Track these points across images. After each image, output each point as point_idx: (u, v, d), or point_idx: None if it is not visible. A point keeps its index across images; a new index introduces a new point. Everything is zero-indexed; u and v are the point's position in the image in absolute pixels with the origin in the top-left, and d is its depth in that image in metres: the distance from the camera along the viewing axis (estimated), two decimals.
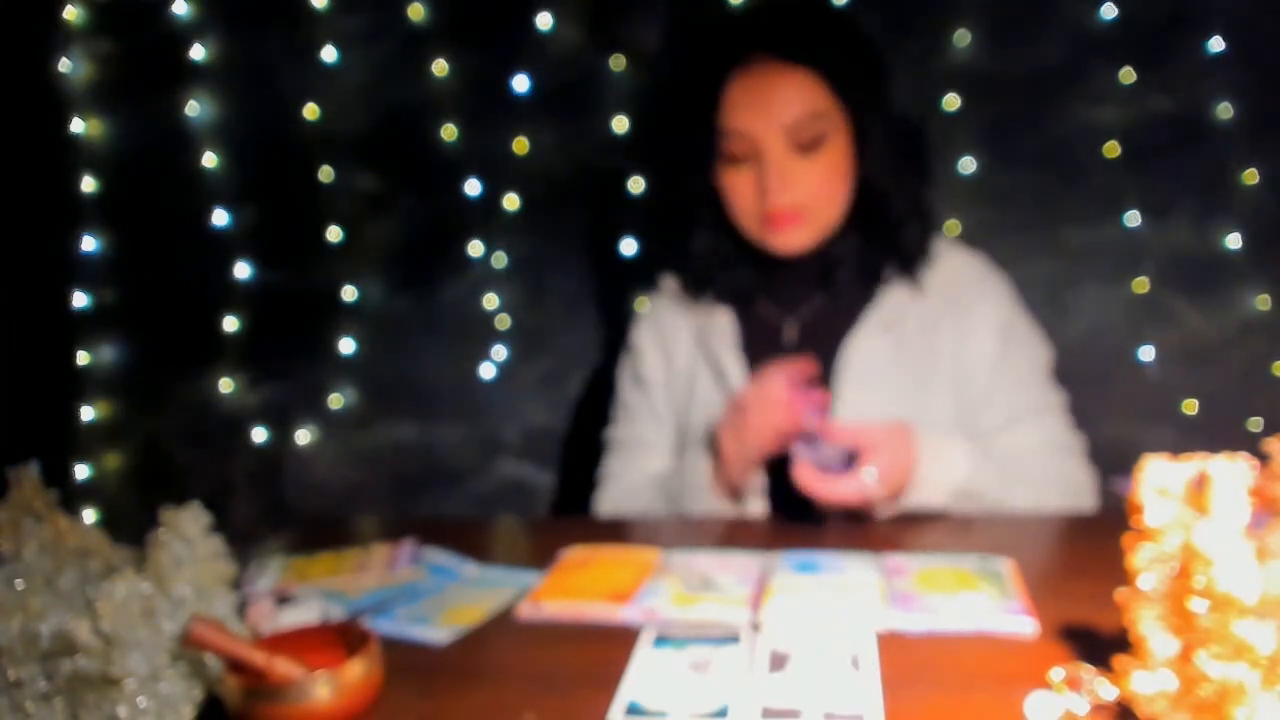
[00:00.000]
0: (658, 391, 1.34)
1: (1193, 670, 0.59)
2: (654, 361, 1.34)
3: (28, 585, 0.75)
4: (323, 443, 1.74)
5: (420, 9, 1.62)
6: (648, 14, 1.60)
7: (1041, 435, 1.21)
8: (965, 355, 1.22)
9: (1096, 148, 1.55)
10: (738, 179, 1.20)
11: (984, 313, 1.23)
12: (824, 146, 1.17)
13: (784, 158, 1.16)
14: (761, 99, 1.16)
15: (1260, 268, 1.55)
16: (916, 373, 1.21)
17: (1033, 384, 1.24)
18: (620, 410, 1.38)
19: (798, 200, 1.18)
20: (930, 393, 1.21)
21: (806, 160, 1.17)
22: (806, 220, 1.19)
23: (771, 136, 1.16)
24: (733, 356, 1.26)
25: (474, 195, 1.66)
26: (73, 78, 1.68)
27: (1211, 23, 1.51)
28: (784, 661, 0.75)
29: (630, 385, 1.38)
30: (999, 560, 0.92)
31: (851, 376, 1.20)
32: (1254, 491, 0.59)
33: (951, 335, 1.22)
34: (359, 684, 0.70)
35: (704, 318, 1.31)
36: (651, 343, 1.35)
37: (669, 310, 1.35)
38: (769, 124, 1.15)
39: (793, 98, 1.15)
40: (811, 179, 1.18)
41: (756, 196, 1.19)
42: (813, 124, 1.16)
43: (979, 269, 1.27)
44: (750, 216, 1.21)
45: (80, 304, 1.72)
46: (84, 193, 1.70)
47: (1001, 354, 1.22)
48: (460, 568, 1.00)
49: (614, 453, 1.37)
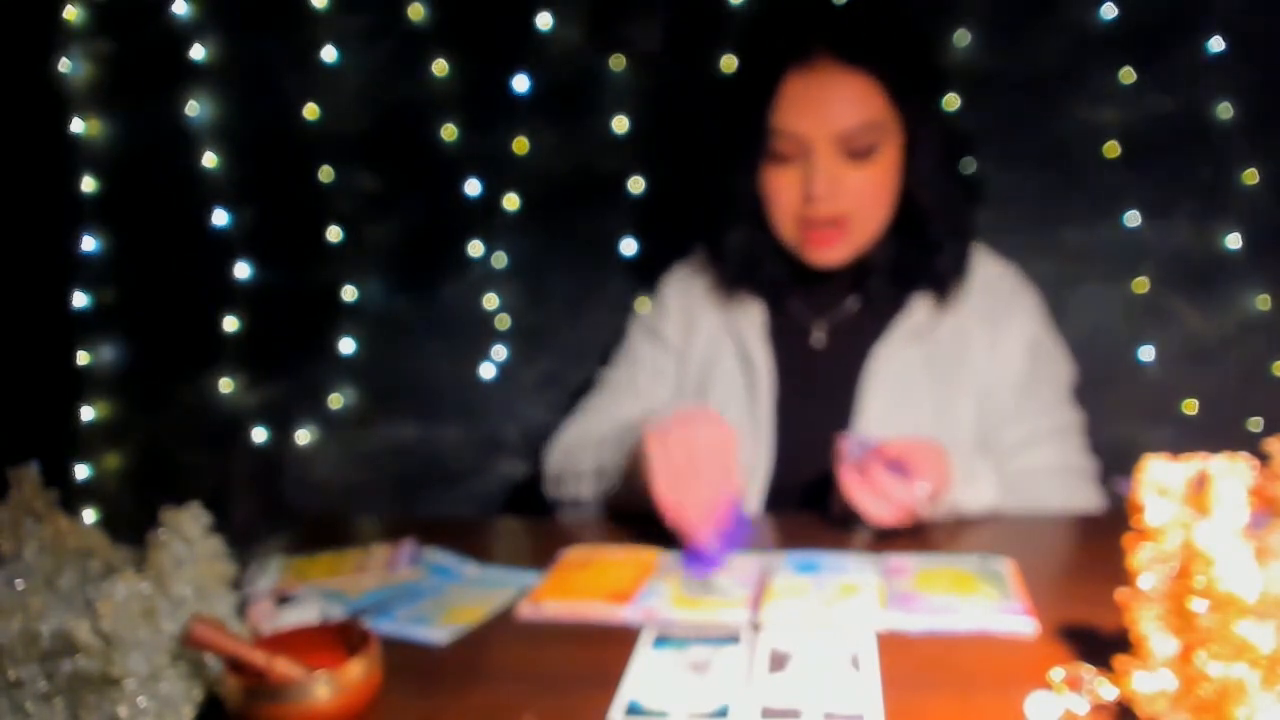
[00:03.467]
0: (670, 352, 1.32)
1: (1193, 670, 0.59)
2: (676, 321, 1.32)
3: (28, 585, 0.75)
4: (323, 443, 1.74)
5: (420, 9, 1.62)
6: (648, 14, 1.60)
7: (1059, 458, 1.20)
8: (994, 370, 1.20)
9: (1096, 148, 1.55)
10: (782, 179, 1.16)
11: (1015, 328, 1.21)
12: (875, 156, 1.14)
13: (833, 163, 1.13)
14: (819, 101, 1.12)
15: (1260, 268, 1.55)
16: (944, 385, 1.19)
17: (1055, 404, 1.22)
18: (623, 354, 1.36)
19: (842, 209, 1.14)
20: (956, 405, 1.19)
21: (856, 168, 1.14)
22: (847, 234, 1.16)
23: (824, 141, 1.12)
24: (761, 346, 1.24)
25: (474, 195, 1.66)
26: (73, 78, 1.67)
27: (1211, 23, 1.50)
28: (784, 661, 0.75)
29: (643, 335, 1.35)
30: (999, 560, 0.92)
31: (878, 387, 1.18)
32: (1254, 491, 0.60)
33: (981, 349, 1.20)
34: (359, 684, 0.70)
35: (735, 303, 1.28)
36: (677, 302, 1.33)
37: (699, 284, 1.32)
38: (823, 128, 1.12)
39: (851, 104, 1.12)
40: (858, 189, 1.14)
41: (800, 200, 1.15)
42: (867, 133, 1.12)
43: (1011, 282, 1.25)
44: (790, 221, 1.17)
45: (80, 304, 1.72)
46: (84, 193, 1.69)
47: (1029, 372, 1.20)
48: (460, 568, 1.00)
49: (599, 391, 1.34)
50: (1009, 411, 1.20)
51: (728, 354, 1.27)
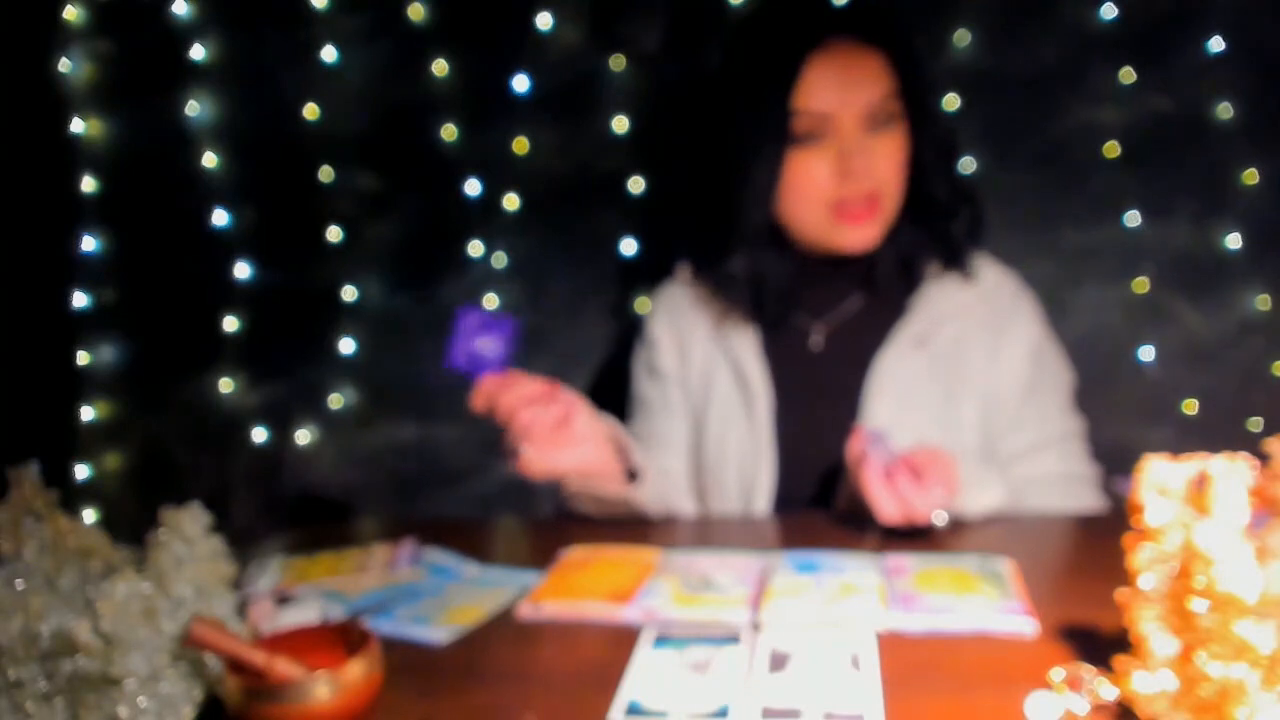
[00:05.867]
0: (672, 383, 1.31)
1: (1193, 670, 0.59)
2: (669, 351, 1.32)
3: (28, 585, 0.75)
4: (323, 443, 1.74)
5: (420, 9, 1.62)
6: (648, 14, 1.60)
7: (1061, 466, 1.20)
8: (996, 376, 1.20)
9: (1096, 148, 1.55)
10: (808, 162, 1.15)
11: (1018, 335, 1.21)
12: (893, 127, 1.16)
13: (863, 139, 1.14)
14: (842, 79, 1.13)
15: (1260, 268, 1.55)
16: (947, 391, 1.19)
17: (1056, 411, 1.22)
18: (637, 405, 1.36)
19: (876, 184, 1.15)
20: (959, 412, 1.19)
21: (880, 141, 1.15)
22: (880, 210, 1.17)
23: (851, 117, 1.13)
24: (755, 361, 1.24)
25: (474, 195, 1.66)
26: (73, 78, 1.67)
27: (1211, 23, 1.50)
28: (784, 661, 0.75)
29: (645, 378, 1.35)
30: (999, 560, 0.92)
31: (883, 395, 1.18)
32: (1254, 491, 0.60)
33: (983, 356, 1.20)
34: (359, 684, 0.69)
35: (723, 312, 1.27)
36: (666, 333, 1.32)
37: (686, 301, 1.32)
38: (850, 104, 1.13)
39: (872, 78, 1.14)
40: (885, 161, 1.15)
41: (831, 182, 1.15)
42: (888, 104, 1.14)
43: (1012, 288, 1.25)
44: (819, 206, 1.16)
45: (80, 304, 1.72)
46: (84, 193, 1.70)
47: (1032, 378, 1.20)
48: (460, 568, 1.00)
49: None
50: (1012, 418, 1.20)
51: (723, 374, 1.26)
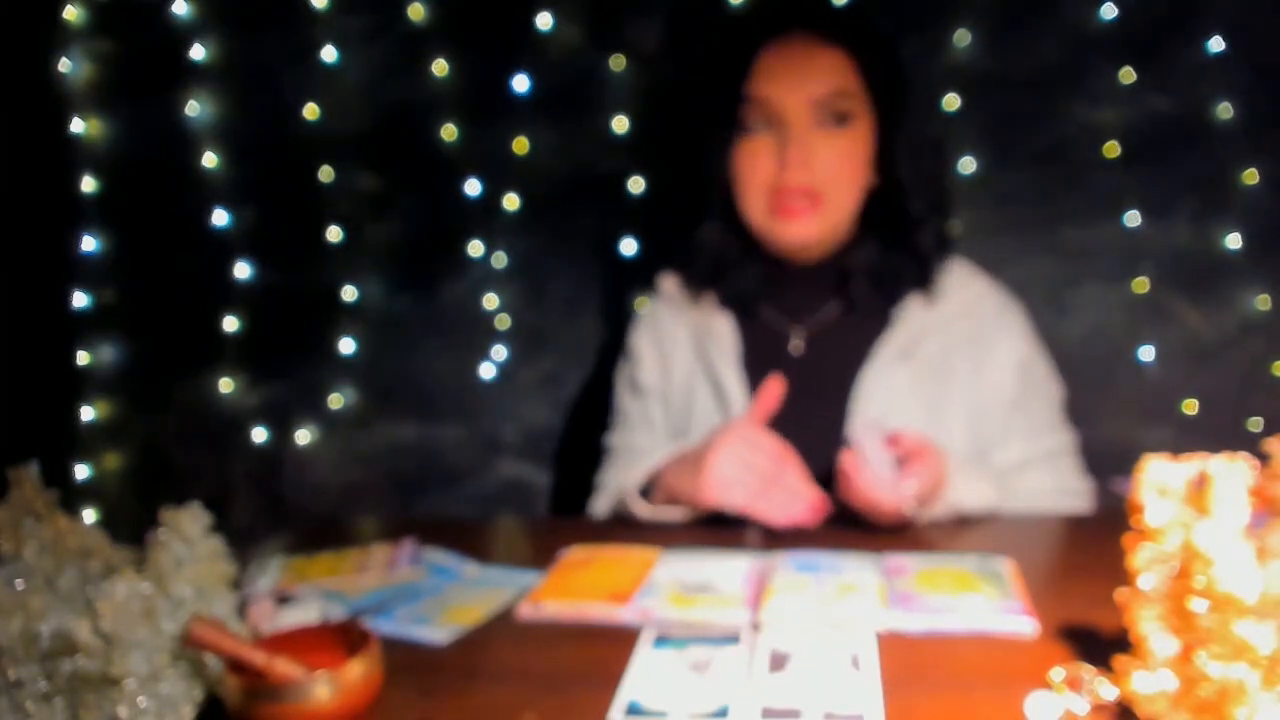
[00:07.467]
0: (654, 399, 1.32)
1: (1193, 670, 0.59)
2: (651, 367, 1.32)
3: (28, 585, 0.75)
4: (323, 443, 1.74)
5: (420, 9, 1.62)
6: (648, 14, 1.60)
7: (1054, 481, 1.19)
8: (983, 392, 1.19)
9: (1096, 148, 1.55)
10: (754, 150, 1.17)
11: (1003, 349, 1.20)
12: (848, 126, 1.16)
13: (807, 131, 1.14)
14: (793, 70, 1.14)
15: (1260, 268, 1.54)
16: (933, 404, 1.18)
17: (1047, 426, 1.21)
18: (617, 416, 1.37)
19: (815, 179, 1.15)
20: (946, 425, 1.18)
21: (829, 137, 1.15)
22: (819, 207, 1.16)
23: (798, 107, 1.14)
24: (733, 371, 1.23)
25: (474, 195, 1.66)
26: (73, 78, 1.67)
27: (1211, 23, 1.50)
28: (784, 661, 0.75)
29: (627, 391, 1.36)
30: (999, 560, 0.92)
31: (869, 409, 1.16)
32: (1254, 491, 0.59)
33: (967, 372, 1.19)
34: (359, 684, 0.70)
35: (703, 325, 1.27)
36: (649, 348, 1.33)
37: (668, 314, 1.32)
38: (798, 95, 1.14)
39: (825, 73, 1.14)
40: (831, 158, 1.15)
41: (772, 171, 1.15)
42: (840, 101, 1.15)
43: (996, 301, 1.24)
44: (761, 196, 1.17)
45: (80, 304, 1.72)
46: (84, 193, 1.70)
47: (1020, 393, 1.19)
48: (460, 568, 1.00)
49: (610, 461, 1.35)
50: (1000, 432, 1.19)
51: (702, 388, 1.26)
